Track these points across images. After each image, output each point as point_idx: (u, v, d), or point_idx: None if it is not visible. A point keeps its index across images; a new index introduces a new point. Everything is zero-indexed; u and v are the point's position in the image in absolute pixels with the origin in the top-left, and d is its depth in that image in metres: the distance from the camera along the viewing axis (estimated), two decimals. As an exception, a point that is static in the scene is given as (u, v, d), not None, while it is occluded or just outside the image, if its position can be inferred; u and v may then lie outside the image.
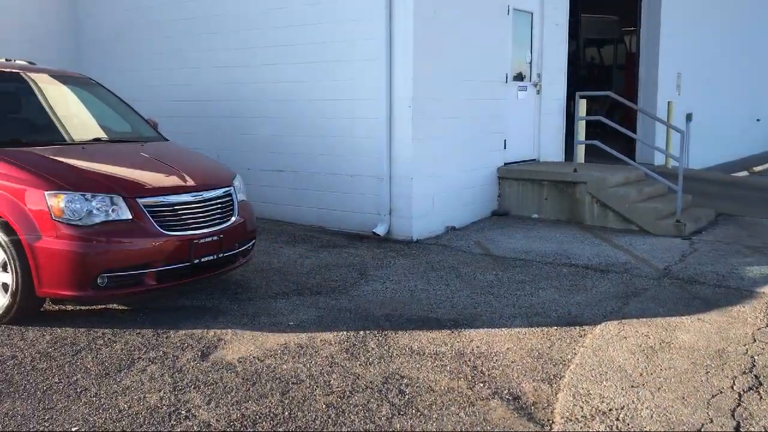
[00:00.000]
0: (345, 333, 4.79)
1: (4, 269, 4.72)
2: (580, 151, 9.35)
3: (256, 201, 6.72)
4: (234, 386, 3.93)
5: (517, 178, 8.98)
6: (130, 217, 4.79)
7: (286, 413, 3.63)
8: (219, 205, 5.37)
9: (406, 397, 3.86)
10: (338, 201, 8.20)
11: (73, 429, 3.42)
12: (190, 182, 5.30)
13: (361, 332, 4.81)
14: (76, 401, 3.71)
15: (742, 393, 3.92)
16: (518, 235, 7.99)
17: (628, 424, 3.56)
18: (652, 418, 3.63)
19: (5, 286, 4.74)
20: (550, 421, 3.62)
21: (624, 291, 5.89)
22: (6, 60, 6.39)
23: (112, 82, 7.88)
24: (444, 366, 4.28)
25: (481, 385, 4.03)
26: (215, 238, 5.19)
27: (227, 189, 5.54)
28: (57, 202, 4.60)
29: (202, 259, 5.13)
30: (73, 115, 6.25)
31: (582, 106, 9.01)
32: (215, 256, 5.23)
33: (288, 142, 8.53)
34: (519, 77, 9.50)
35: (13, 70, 6.04)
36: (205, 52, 9.20)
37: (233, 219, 5.47)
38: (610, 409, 3.72)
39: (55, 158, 5.07)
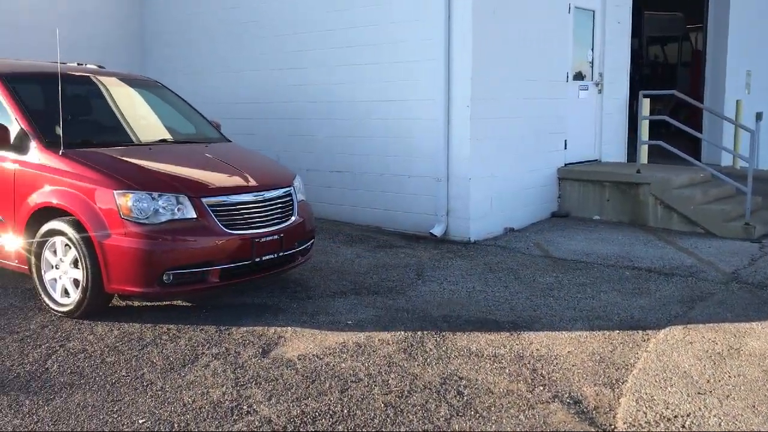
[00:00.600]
0: (403, 333, 4.80)
1: (75, 266, 4.90)
2: (644, 152, 9.13)
3: (314, 201, 6.81)
4: (294, 383, 3.98)
5: (578, 179, 8.83)
6: (195, 216, 4.91)
7: (345, 411, 3.66)
8: (279, 205, 5.45)
9: (465, 398, 3.84)
10: (395, 201, 8.22)
11: (140, 421, 3.53)
12: (252, 182, 5.40)
13: (419, 333, 4.81)
14: (142, 394, 3.83)
15: (817, 403, 3.76)
16: (579, 236, 7.85)
17: (695, 432, 3.46)
18: (720, 426, 3.52)
19: (76, 282, 4.92)
20: (612, 427, 3.55)
21: (689, 295, 5.72)
22: (78, 64, 6.63)
23: (177, 85, 8.09)
24: (503, 368, 4.24)
25: (541, 388, 3.98)
26: (275, 237, 5.27)
27: (287, 189, 5.61)
28: (125, 201, 4.76)
29: (263, 258, 5.22)
30: (140, 116, 6.45)
31: (645, 105, 8.80)
32: (275, 255, 5.31)
33: (346, 143, 8.60)
34: (580, 76, 9.34)
35: (84, 74, 6.27)
36: (265, 55, 9.35)
37: (293, 219, 5.54)
38: (676, 416, 3.62)
39: (124, 159, 5.24)
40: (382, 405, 3.74)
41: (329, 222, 8.60)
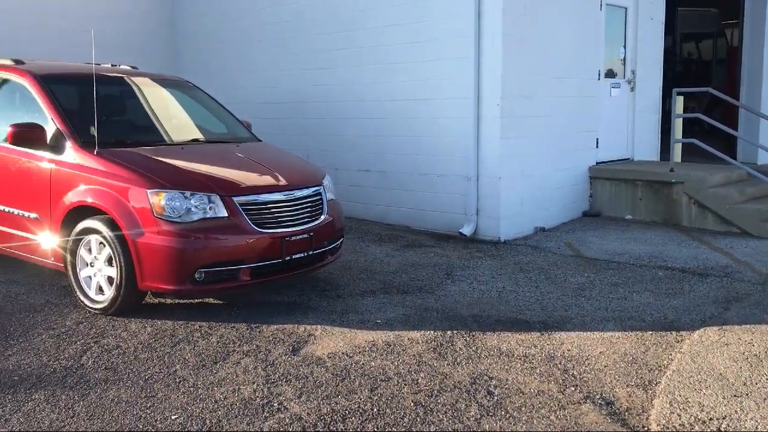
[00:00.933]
0: (432, 332, 4.79)
1: (110, 264, 4.98)
2: (677, 150, 8.98)
3: (343, 200, 6.82)
4: (324, 381, 4.00)
5: (610, 178, 8.72)
6: (226, 214, 4.96)
7: (375, 410, 3.67)
8: (309, 204, 5.48)
9: (495, 398, 3.82)
10: (425, 200, 8.20)
11: (173, 417, 3.57)
12: (282, 181, 5.44)
13: (449, 332, 4.80)
14: (175, 390, 3.87)
15: None
16: (611, 236, 7.75)
17: (731, 435, 3.40)
18: (757, 429, 3.45)
19: (110, 280, 5.00)
20: (645, 429, 3.50)
21: (725, 296, 5.61)
22: (111, 65, 6.74)
23: (208, 85, 8.16)
24: (534, 368, 4.21)
25: (573, 388, 3.94)
26: (305, 235, 5.30)
27: (317, 188, 5.64)
28: (158, 199, 4.82)
29: (293, 257, 5.24)
30: (173, 116, 6.53)
31: (679, 103, 8.66)
32: (305, 254, 5.34)
33: (375, 142, 8.61)
34: (612, 74, 9.23)
35: (118, 75, 6.37)
36: (294, 55, 9.41)
37: (323, 217, 5.57)
38: (711, 419, 3.56)
39: (156, 158, 5.31)
40: (412, 404, 3.74)
41: (358, 221, 8.62)
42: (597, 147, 8.94)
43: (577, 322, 5.03)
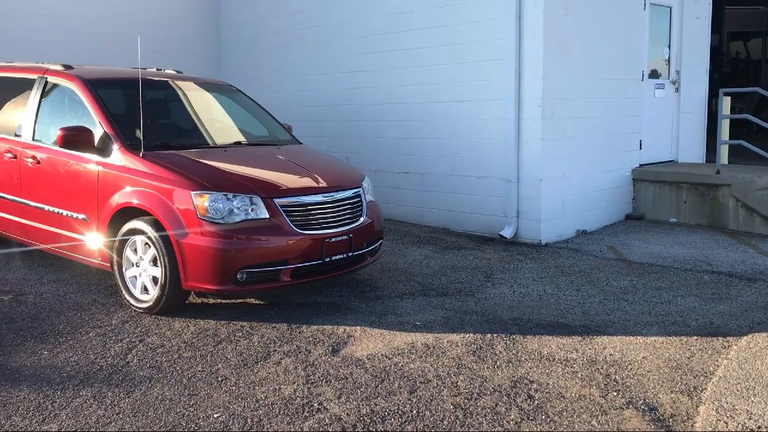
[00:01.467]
0: (472, 335, 4.77)
1: (154, 264, 5.08)
2: (723, 152, 8.78)
3: (382, 202, 6.84)
4: (363, 382, 4.02)
5: (654, 180, 8.57)
6: (268, 216, 5.02)
7: (414, 412, 3.67)
8: (349, 206, 5.51)
9: (535, 402, 3.78)
10: (464, 203, 8.17)
11: (215, 415, 3.63)
12: (322, 183, 5.48)
13: (489, 335, 4.77)
14: (217, 389, 3.93)
15: None
16: (654, 239, 7.62)
17: (780, 444, 3.31)
18: (807, 439, 3.35)
19: (155, 280, 5.10)
20: (691, 436, 3.43)
21: (774, 301, 5.47)
22: (157, 69, 6.89)
23: (249, 88, 8.29)
24: (575, 372, 4.16)
25: (615, 393, 3.88)
26: (345, 237, 5.33)
27: (356, 190, 5.67)
28: (202, 201, 4.90)
29: (333, 258, 5.28)
30: (216, 120, 6.64)
31: (726, 103, 8.47)
32: (345, 255, 5.37)
33: (414, 144, 8.62)
34: (656, 75, 9.07)
35: (163, 79, 6.50)
36: (333, 58, 9.48)
37: (362, 219, 5.59)
38: (759, 427, 3.47)
39: (200, 160, 5.40)
40: (451, 407, 3.73)
41: (397, 223, 8.63)
42: (640, 149, 8.80)
43: (620, 327, 4.96)
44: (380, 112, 8.96)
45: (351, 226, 5.43)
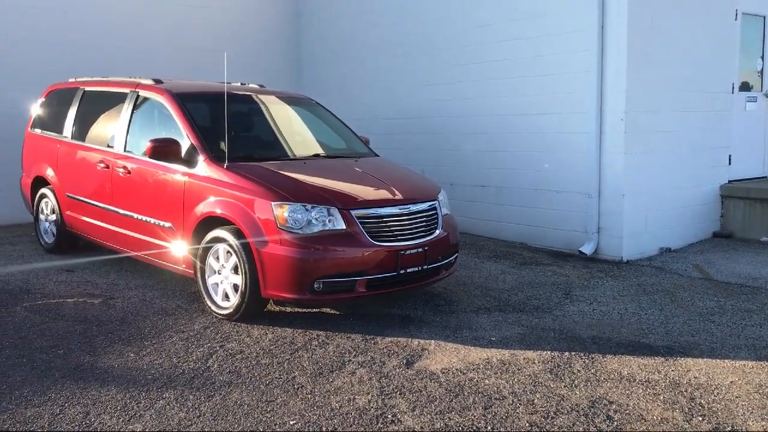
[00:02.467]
0: (549, 353, 4.67)
1: (235, 272, 5.22)
2: (821, 168, 8.32)
3: (458, 215, 6.80)
4: (437, 396, 4.00)
5: (744, 197, 8.20)
6: (344, 227, 5.08)
7: (489, 428, 3.62)
8: (424, 218, 5.51)
9: (615, 423, 3.67)
10: (542, 217, 8.04)
11: (291, 422, 3.69)
12: (398, 195, 5.51)
13: (566, 353, 4.66)
14: (293, 397, 4.00)
15: None
16: (744, 259, 7.27)
17: None
18: None
19: (236, 287, 5.24)
20: (784, 467, 3.25)
21: None
22: (241, 84, 7.11)
23: (328, 101, 8.42)
24: (657, 395, 4.01)
25: (700, 418, 3.72)
26: (420, 250, 5.33)
27: (432, 203, 5.67)
28: (282, 211, 5.02)
29: (408, 270, 5.29)
30: (296, 132, 6.78)
31: (824, 117, 8.02)
32: (419, 268, 5.37)
33: (491, 158, 8.55)
34: (747, 87, 8.70)
35: (246, 93, 6.70)
36: (410, 71, 9.54)
37: (437, 232, 5.58)
38: None
39: (280, 172, 5.53)
40: (527, 424, 3.66)
41: (473, 237, 8.57)
42: (729, 164, 8.45)
43: (706, 349, 4.75)
44: (458, 124, 8.94)
45: (426, 238, 5.43)
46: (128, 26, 9.80)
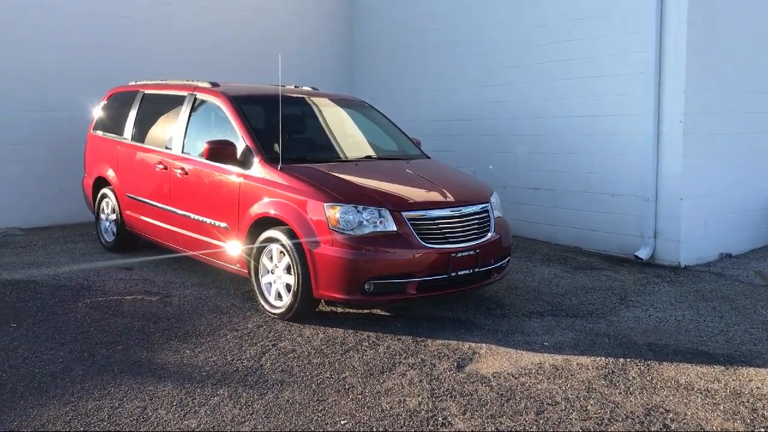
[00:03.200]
0: (603, 359, 4.58)
1: (288, 272, 5.29)
2: None
3: (511, 218, 6.74)
4: (488, 400, 3.97)
5: (810, 202, 7.89)
6: (395, 229, 5.09)
7: (541, 433, 3.58)
8: (476, 221, 5.48)
9: (672, 433, 3.58)
10: (597, 221, 7.89)
11: (342, 422, 3.71)
12: (450, 198, 5.49)
13: (621, 360, 4.57)
14: (344, 396, 4.02)
15: None
16: (809, 266, 7.00)
17: None
18: None
19: (288, 287, 5.31)
20: None
21: None
22: (295, 87, 7.20)
23: (380, 104, 8.46)
24: (716, 404, 3.90)
25: (762, 430, 3.59)
26: (471, 252, 5.30)
27: (484, 205, 5.63)
28: (334, 213, 5.06)
29: (459, 273, 5.26)
30: (348, 134, 6.83)
31: None
32: (471, 271, 5.34)
33: (545, 160, 8.44)
34: (814, 87, 8.35)
35: (300, 96, 6.79)
36: (462, 73, 9.49)
37: (489, 235, 5.54)
38: None
39: (333, 174, 5.58)
40: (580, 431, 3.60)
41: (526, 240, 8.47)
42: (794, 167, 8.14)
43: (769, 359, 4.59)
44: (511, 126, 8.86)
45: (478, 241, 5.40)
46: (195, 32, 10.06)
